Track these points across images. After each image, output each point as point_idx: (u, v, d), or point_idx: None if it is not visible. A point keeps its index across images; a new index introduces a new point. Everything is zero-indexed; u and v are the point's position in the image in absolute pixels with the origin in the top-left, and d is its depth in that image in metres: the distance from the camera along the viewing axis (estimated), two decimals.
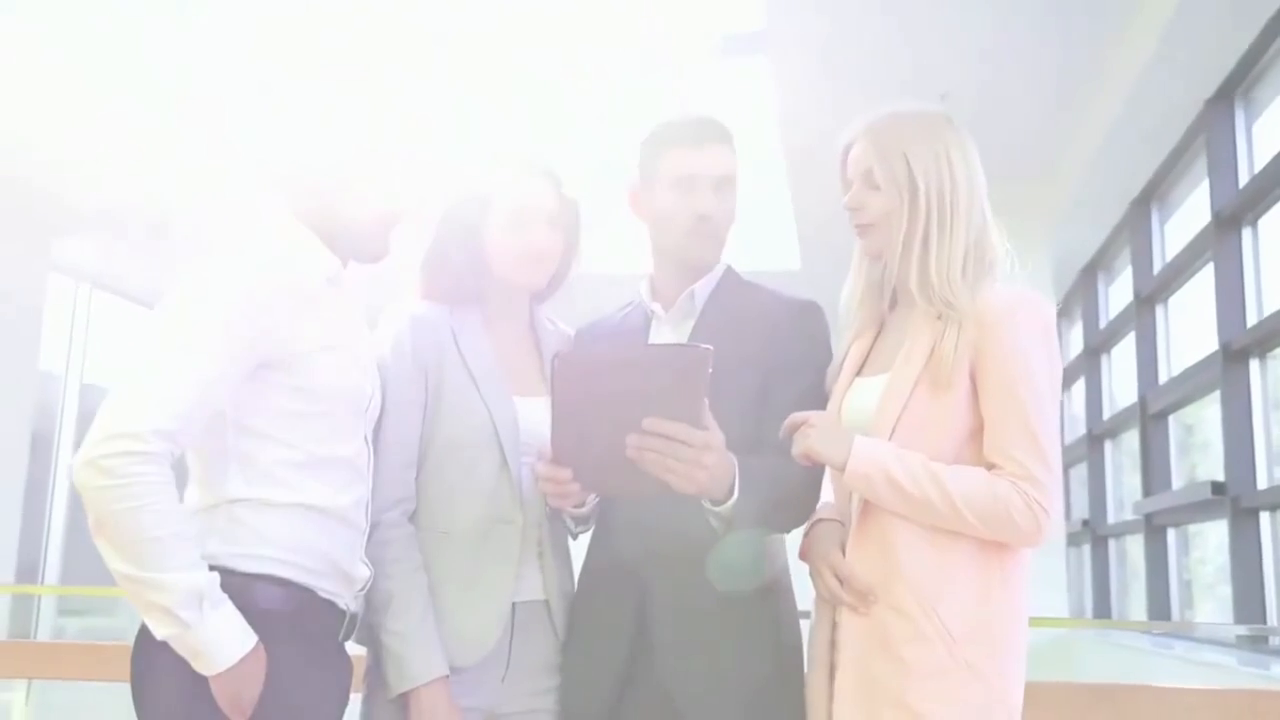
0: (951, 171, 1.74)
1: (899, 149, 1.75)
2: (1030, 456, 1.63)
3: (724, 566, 1.76)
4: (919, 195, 1.73)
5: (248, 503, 1.61)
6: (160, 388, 1.51)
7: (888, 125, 1.79)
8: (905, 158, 1.74)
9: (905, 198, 1.73)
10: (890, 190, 1.75)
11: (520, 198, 1.94)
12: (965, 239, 1.73)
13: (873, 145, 1.77)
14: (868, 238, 1.81)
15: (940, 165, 1.74)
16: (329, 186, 1.73)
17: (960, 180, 1.74)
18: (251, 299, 1.59)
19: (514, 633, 1.88)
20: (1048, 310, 1.73)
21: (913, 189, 1.73)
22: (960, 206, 1.73)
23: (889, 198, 1.75)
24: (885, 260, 1.80)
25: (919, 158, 1.73)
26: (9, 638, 6.58)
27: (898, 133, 1.76)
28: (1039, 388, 1.65)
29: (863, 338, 1.87)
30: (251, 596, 1.57)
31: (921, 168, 1.73)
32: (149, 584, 1.48)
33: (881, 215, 1.77)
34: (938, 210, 1.72)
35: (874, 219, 1.78)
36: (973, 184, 1.76)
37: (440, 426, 1.88)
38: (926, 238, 1.73)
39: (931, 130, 1.77)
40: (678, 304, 1.96)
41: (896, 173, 1.74)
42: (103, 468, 1.46)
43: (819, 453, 1.66)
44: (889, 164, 1.75)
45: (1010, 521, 1.62)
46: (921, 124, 1.77)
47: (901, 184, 1.74)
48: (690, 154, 1.92)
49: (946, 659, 1.61)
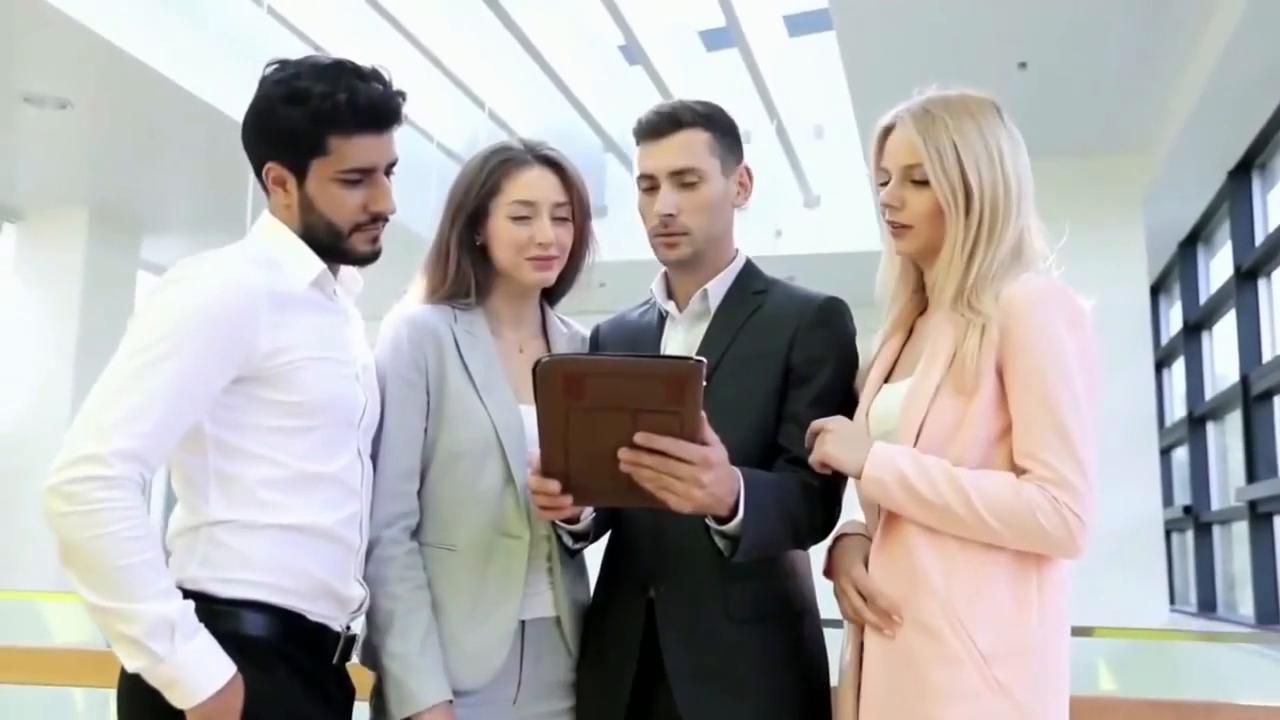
0: (1003, 170, 1.58)
1: (949, 143, 1.58)
2: (1061, 458, 1.49)
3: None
4: (973, 199, 1.56)
5: (229, 525, 1.53)
6: (123, 408, 1.43)
7: (935, 114, 1.60)
8: (957, 154, 1.57)
9: (958, 201, 1.57)
10: (942, 190, 1.58)
11: (520, 189, 1.82)
12: (1010, 244, 1.58)
13: (919, 136, 1.59)
14: (904, 239, 1.65)
15: (994, 163, 1.58)
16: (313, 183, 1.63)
17: (1012, 180, 1.58)
18: (223, 310, 1.51)
19: (524, 652, 1.78)
20: (1078, 300, 1.57)
21: (966, 191, 1.57)
22: (1012, 210, 1.58)
23: (940, 198, 1.59)
24: (922, 265, 1.67)
25: (972, 155, 1.57)
26: None
27: (947, 124, 1.58)
28: (1071, 383, 1.51)
29: (892, 340, 1.73)
30: (233, 623, 1.50)
31: (974, 166, 1.57)
32: (117, 614, 1.40)
33: (923, 216, 1.61)
34: (989, 216, 1.57)
35: (914, 219, 1.62)
36: (1023, 182, 1.60)
37: (441, 436, 1.78)
38: (974, 246, 1.57)
39: (983, 121, 1.60)
40: (690, 304, 1.84)
41: (948, 172, 1.57)
42: (66, 494, 1.39)
43: (834, 458, 1.56)
44: (940, 161, 1.58)
45: (1039, 529, 1.48)
46: (971, 113, 1.60)
47: (955, 185, 1.57)
48: (647, 149, 1.80)
49: (977, 681, 1.48)
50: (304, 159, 1.61)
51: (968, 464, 1.53)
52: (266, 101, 1.61)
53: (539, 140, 1.89)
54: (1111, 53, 5.41)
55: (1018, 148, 1.61)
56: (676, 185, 1.77)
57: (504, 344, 1.88)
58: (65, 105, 5.85)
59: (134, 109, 5.98)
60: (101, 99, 5.98)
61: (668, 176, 1.77)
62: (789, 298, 1.83)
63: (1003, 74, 5.33)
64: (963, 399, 1.54)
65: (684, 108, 1.80)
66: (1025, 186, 1.61)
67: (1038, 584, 1.53)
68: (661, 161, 1.78)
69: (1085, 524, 1.49)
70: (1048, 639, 1.52)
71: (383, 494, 1.73)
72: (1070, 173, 6.55)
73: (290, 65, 1.63)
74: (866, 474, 1.54)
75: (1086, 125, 6.19)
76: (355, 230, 1.66)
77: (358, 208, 1.64)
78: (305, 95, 1.58)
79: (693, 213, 1.78)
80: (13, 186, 7.36)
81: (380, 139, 1.64)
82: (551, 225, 1.83)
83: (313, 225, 1.65)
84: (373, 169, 1.64)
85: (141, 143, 6.33)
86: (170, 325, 1.49)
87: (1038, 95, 5.67)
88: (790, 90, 7.10)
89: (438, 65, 6.40)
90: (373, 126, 1.62)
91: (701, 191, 1.78)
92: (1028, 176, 1.62)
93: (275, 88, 1.60)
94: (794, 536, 1.69)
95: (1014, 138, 1.62)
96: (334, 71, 1.60)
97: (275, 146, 1.62)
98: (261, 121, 1.62)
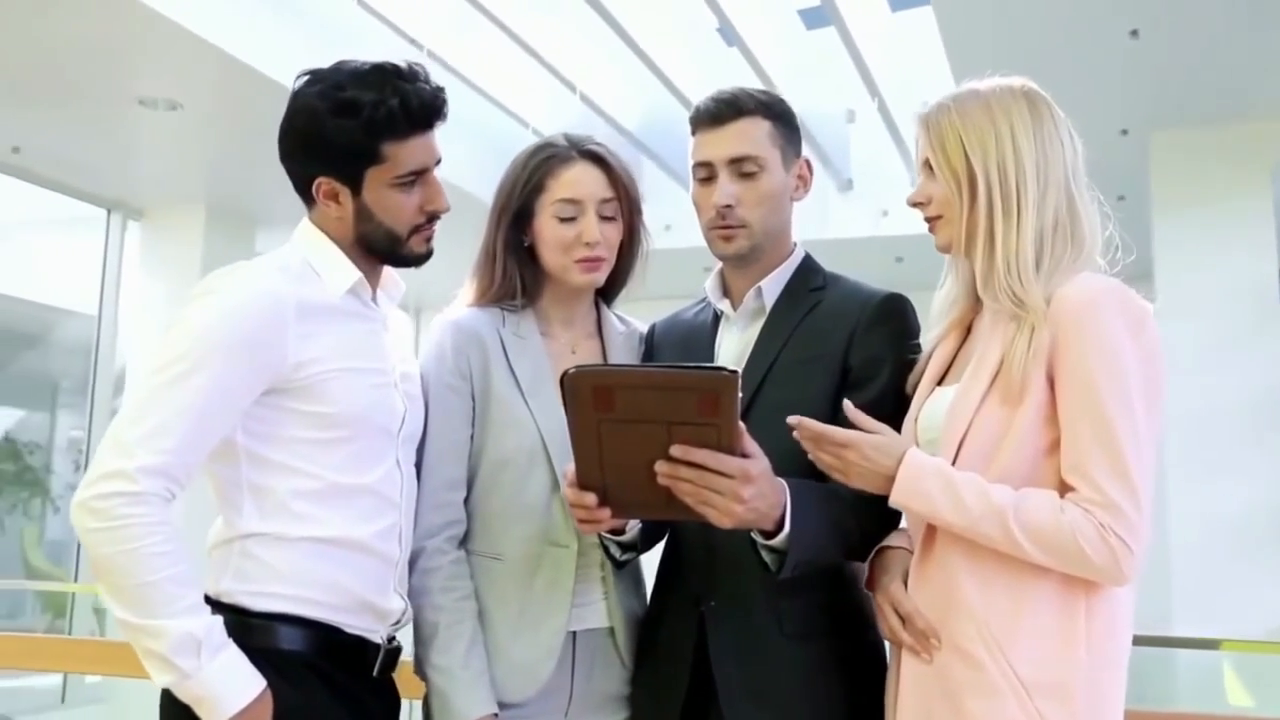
0: (1016, 153, 1.53)
1: (953, 134, 1.56)
2: (1109, 478, 1.39)
3: None
4: (977, 184, 1.53)
5: (262, 538, 1.54)
6: (148, 424, 1.45)
7: (943, 104, 1.60)
8: (961, 143, 1.55)
9: (962, 187, 1.54)
10: (947, 179, 1.56)
11: (565, 187, 1.78)
12: (1037, 227, 1.51)
13: (925, 131, 1.59)
14: (937, 232, 1.62)
15: (1002, 148, 1.53)
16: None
17: (1027, 162, 1.52)
18: (247, 325, 1.51)
19: (575, 664, 1.74)
20: (1138, 301, 1.47)
21: (970, 177, 1.54)
22: (1028, 192, 1.52)
23: (945, 187, 1.56)
24: (955, 256, 1.62)
25: (975, 142, 1.54)
26: None
27: (951, 116, 1.57)
28: (1125, 395, 1.41)
29: (948, 340, 1.64)
30: (265, 638, 1.50)
31: (979, 152, 1.54)
32: (143, 630, 1.42)
33: (945, 206, 1.58)
34: (1002, 199, 1.52)
35: (939, 211, 1.59)
36: (1045, 164, 1.54)
37: (487, 444, 1.75)
38: (991, 230, 1.53)
39: (993, 109, 1.56)
40: (744, 302, 1.77)
41: (951, 160, 1.56)
42: (93, 509, 1.41)
43: (856, 483, 1.48)
44: (942, 150, 1.57)
45: (1081, 556, 1.39)
46: (981, 103, 1.57)
47: (958, 172, 1.55)
48: (704, 136, 1.74)
49: (1017, 714, 1.39)
50: (359, 169, 1.60)
51: (1015, 478, 1.44)
52: (311, 115, 1.58)
53: (584, 135, 1.84)
54: (1228, 15, 5.09)
55: (1043, 129, 1.55)
56: (735, 175, 1.71)
57: (555, 345, 1.84)
58: (176, 107, 6.03)
59: (241, 108, 6.14)
60: (210, 100, 6.16)
61: (726, 165, 1.71)
62: (848, 295, 1.75)
63: (1113, 43, 5.06)
64: (1009, 408, 1.46)
65: (744, 94, 1.74)
66: (1051, 167, 1.54)
67: (1086, 611, 1.43)
68: (720, 150, 1.72)
69: (1133, 551, 1.39)
70: (1097, 672, 1.42)
71: (426, 504, 1.72)
72: (1192, 143, 6.25)
73: (327, 75, 1.60)
74: (893, 498, 1.46)
75: (1206, 93, 5.85)
76: (413, 233, 1.65)
77: (415, 210, 1.64)
78: (356, 105, 1.56)
79: (752, 204, 1.72)
80: (134, 186, 7.66)
81: (428, 138, 1.62)
82: (598, 223, 1.78)
83: (368, 234, 1.64)
84: (425, 169, 1.63)
85: (250, 141, 6.48)
86: (193, 341, 1.49)
87: (1151, 64, 5.38)
88: (893, 67, 6.89)
89: (531, 53, 6.40)
90: (425, 126, 1.61)
91: (761, 182, 1.72)
92: (1059, 156, 1.55)
93: (319, 101, 1.58)
94: (847, 549, 1.62)
95: (1039, 120, 1.55)
96: (378, 77, 1.59)
97: (327, 160, 1.60)
98: (309, 137, 1.60)
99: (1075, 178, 1.56)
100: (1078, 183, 1.56)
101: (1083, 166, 1.60)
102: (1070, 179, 1.55)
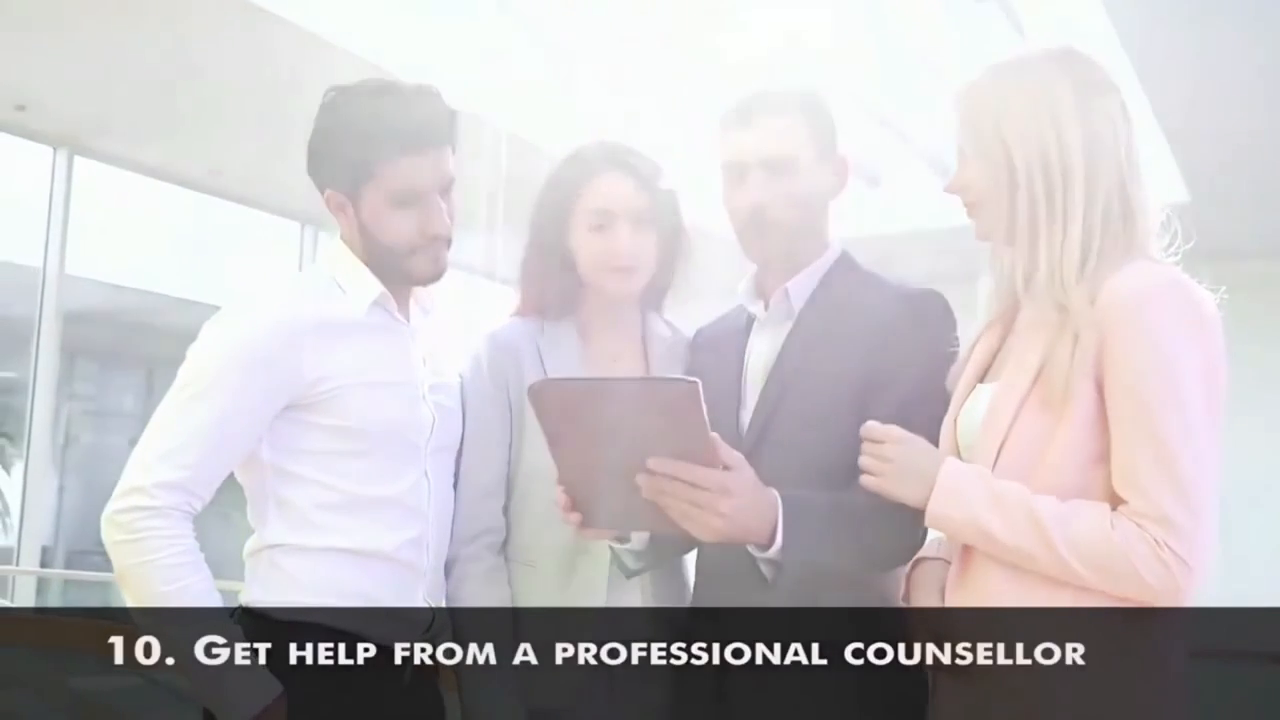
0: (1060, 142, 1.38)
1: (990, 117, 1.43)
2: (1165, 491, 1.27)
3: None
4: (1017, 174, 1.40)
5: (285, 548, 1.60)
6: (167, 442, 1.53)
7: (979, 83, 1.47)
8: (997, 127, 1.42)
9: (1000, 175, 1.42)
10: (984, 166, 1.44)
11: (595, 197, 1.77)
12: (1085, 226, 1.37)
13: (960, 114, 1.47)
14: (976, 219, 1.50)
15: (1043, 132, 1.39)
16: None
17: (1073, 153, 1.38)
18: (257, 347, 1.57)
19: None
20: (1199, 295, 1.33)
21: (1009, 166, 1.41)
22: (1074, 188, 1.38)
23: (982, 174, 1.45)
24: (995, 246, 1.50)
25: (1014, 126, 1.40)
26: None
27: (987, 97, 1.45)
28: (1181, 402, 1.28)
29: (990, 334, 1.53)
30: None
31: (1018, 138, 1.40)
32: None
33: (983, 194, 1.46)
34: (1045, 195, 1.39)
35: (978, 198, 1.47)
36: (1094, 151, 1.39)
37: (524, 453, 1.77)
38: (1034, 223, 1.40)
39: (1034, 87, 1.41)
40: (773, 304, 1.72)
41: (988, 147, 1.43)
42: (116, 523, 1.51)
43: (890, 493, 1.40)
44: (977, 136, 1.45)
45: (1134, 576, 1.27)
46: (1022, 81, 1.43)
47: (996, 160, 1.42)
48: (735, 135, 1.68)
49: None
50: (356, 184, 1.64)
51: (1062, 490, 1.33)
52: (316, 129, 1.65)
53: (617, 142, 1.83)
54: None
55: (1093, 111, 1.39)
56: (768, 173, 1.66)
57: (595, 353, 1.83)
58: None
59: None
60: None
61: (758, 165, 1.67)
62: (881, 294, 1.67)
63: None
64: (1052, 415, 1.34)
65: (775, 91, 1.69)
66: (1101, 155, 1.39)
67: (1140, 630, 1.31)
68: (752, 149, 1.67)
69: (1192, 569, 1.26)
70: (1152, 698, 1.32)
71: (462, 513, 1.75)
72: None
73: (342, 90, 1.66)
74: (931, 511, 1.37)
75: None
76: (413, 253, 1.66)
77: (411, 231, 1.64)
78: (351, 120, 1.61)
79: (785, 206, 1.66)
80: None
81: (426, 159, 1.63)
82: (630, 233, 1.76)
83: (371, 250, 1.68)
84: (422, 191, 1.63)
85: None
86: (208, 362, 1.57)
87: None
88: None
89: None
90: (415, 147, 1.61)
91: (795, 182, 1.66)
92: (1115, 140, 1.40)
93: (326, 115, 1.64)
94: (869, 561, 1.55)
95: (1089, 99, 1.40)
96: (378, 93, 1.62)
97: (330, 174, 1.66)
98: (313, 150, 1.67)
99: (1129, 157, 1.42)
100: (1131, 162, 1.41)
101: (1137, 142, 1.45)
102: (1124, 161, 1.41)
